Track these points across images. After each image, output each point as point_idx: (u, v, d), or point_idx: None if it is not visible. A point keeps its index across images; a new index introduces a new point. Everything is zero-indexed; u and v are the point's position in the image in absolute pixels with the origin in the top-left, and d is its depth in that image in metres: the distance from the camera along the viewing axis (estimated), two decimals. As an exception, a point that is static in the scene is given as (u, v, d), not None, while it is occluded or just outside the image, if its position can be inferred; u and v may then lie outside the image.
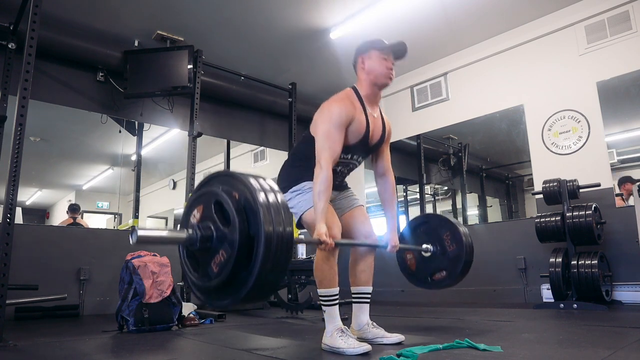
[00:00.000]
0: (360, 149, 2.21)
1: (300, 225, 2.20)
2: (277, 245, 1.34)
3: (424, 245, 2.64)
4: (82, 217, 6.40)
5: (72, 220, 5.97)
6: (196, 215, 1.51)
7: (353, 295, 2.26)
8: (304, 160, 2.20)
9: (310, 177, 2.09)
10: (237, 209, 1.38)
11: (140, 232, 1.28)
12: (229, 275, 1.37)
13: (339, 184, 2.32)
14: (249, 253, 1.35)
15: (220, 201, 1.43)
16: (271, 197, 1.40)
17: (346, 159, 2.23)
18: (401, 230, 2.76)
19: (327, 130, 2.06)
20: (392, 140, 2.44)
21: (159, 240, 1.41)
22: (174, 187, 7.42)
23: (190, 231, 1.43)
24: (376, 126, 2.24)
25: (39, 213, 7.80)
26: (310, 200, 2.09)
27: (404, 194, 6.41)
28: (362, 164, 2.44)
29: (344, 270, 2.24)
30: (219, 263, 1.40)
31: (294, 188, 2.19)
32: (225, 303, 1.44)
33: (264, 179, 1.49)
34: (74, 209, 6.07)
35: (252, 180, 1.43)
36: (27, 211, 7.31)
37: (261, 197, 1.37)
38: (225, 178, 1.51)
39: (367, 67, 2.21)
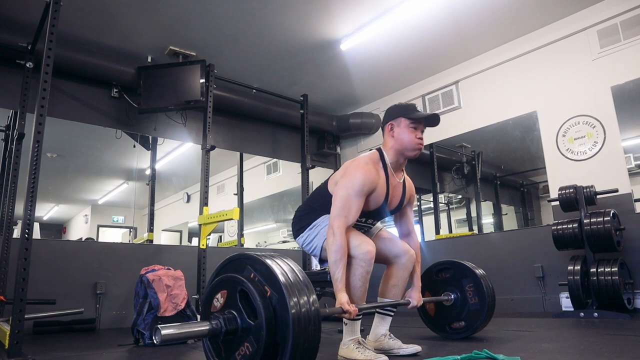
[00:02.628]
0: (377, 215, 2.20)
1: (322, 260, 2.16)
2: (302, 353, 1.31)
3: (445, 296, 2.62)
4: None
5: None
6: (220, 299, 1.45)
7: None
8: (319, 210, 2.19)
9: (326, 213, 2.09)
10: (264, 306, 1.32)
11: (164, 332, 1.25)
12: None
13: None
14: (274, 352, 1.32)
15: (246, 292, 1.37)
16: (304, 303, 1.32)
17: (361, 222, 2.19)
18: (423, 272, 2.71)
19: (346, 196, 1.98)
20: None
21: (183, 336, 1.35)
22: (188, 201, 7.46)
23: (214, 323, 1.36)
24: (396, 193, 2.19)
25: (56, 228, 7.88)
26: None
27: (418, 203, 6.37)
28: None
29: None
30: (243, 355, 1.35)
31: (312, 224, 2.16)
32: None
33: (300, 276, 1.40)
34: None
35: (284, 280, 1.34)
36: (45, 226, 7.39)
37: (294, 303, 1.30)
38: (257, 265, 1.43)
39: (396, 135, 2.12)
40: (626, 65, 4.01)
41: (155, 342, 1.26)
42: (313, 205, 2.24)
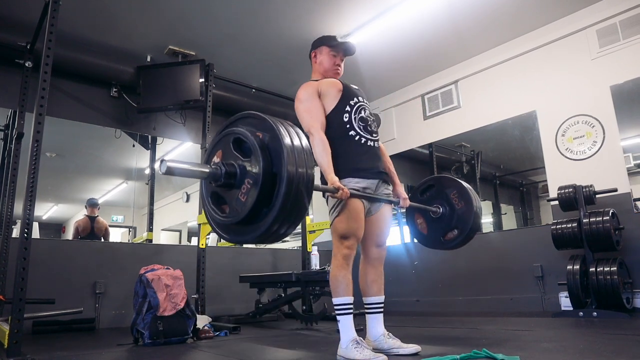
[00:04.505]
0: (354, 93, 2.30)
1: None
2: (298, 183, 1.37)
3: (433, 207, 2.68)
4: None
5: (89, 218, 5.80)
6: (216, 160, 1.57)
7: (366, 306, 2.24)
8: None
9: (339, 172, 2.08)
10: (260, 145, 1.43)
11: (169, 164, 1.38)
12: (254, 206, 1.40)
13: (374, 146, 2.26)
14: (271, 188, 1.39)
15: (240, 138, 1.49)
16: (295, 139, 1.44)
17: (356, 103, 2.27)
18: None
19: (303, 107, 2.19)
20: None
21: (185, 172, 1.50)
22: (187, 200, 7.46)
23: (214, 167, 1.49)
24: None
25: (55, 227, 7.88)
26: (341, 207, 2.08)
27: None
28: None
29: (357, 279, 2.23)
30: (246, 191, 1.44)
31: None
32: (246, 239, 1.51)
33: (289, 122, 1.54)
34: (93, 204, 5.91)
35: (276, 121, 1.47)
36: (44, 226, 7.39)
37: (285, 137, 1.42)
38: (250, 120, 1.56)
39: (319, 61, 2.41)
40: (625, 65, 4.01)
41: (160, 171, 1.39)
42: None
